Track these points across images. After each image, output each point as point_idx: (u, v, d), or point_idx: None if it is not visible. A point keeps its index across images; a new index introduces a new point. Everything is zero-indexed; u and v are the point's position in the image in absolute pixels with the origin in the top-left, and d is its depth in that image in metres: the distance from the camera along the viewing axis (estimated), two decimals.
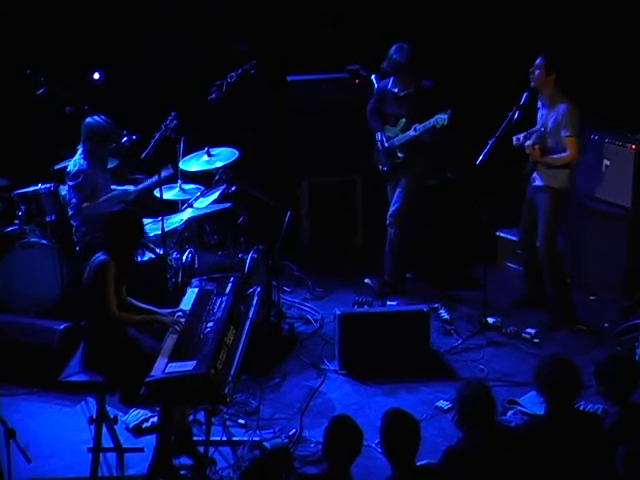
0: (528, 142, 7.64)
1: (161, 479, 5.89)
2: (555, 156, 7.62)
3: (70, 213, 7.51)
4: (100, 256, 5.99)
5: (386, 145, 8.16)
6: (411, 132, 8.01)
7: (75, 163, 7.42)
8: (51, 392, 6.90)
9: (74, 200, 7.40)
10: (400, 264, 8.47)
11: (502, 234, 9.06)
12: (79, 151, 7.48)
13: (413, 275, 8.68)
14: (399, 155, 8.13)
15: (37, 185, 7.98)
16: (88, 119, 7.41)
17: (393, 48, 7.96)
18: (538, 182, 7.79)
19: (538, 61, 7.58)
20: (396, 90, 8.07)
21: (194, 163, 7.81)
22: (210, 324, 5.93)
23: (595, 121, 7.92)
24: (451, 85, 8.96)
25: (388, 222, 8.36)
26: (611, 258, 8.27)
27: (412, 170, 8.20)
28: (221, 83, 7.95)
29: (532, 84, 7.64)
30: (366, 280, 8.50)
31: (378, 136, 8.24)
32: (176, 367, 5.55)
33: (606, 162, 8.13)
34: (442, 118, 7.83)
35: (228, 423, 6.59)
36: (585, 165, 8.07)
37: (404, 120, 8.05)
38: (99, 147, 7.42)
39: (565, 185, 7.73)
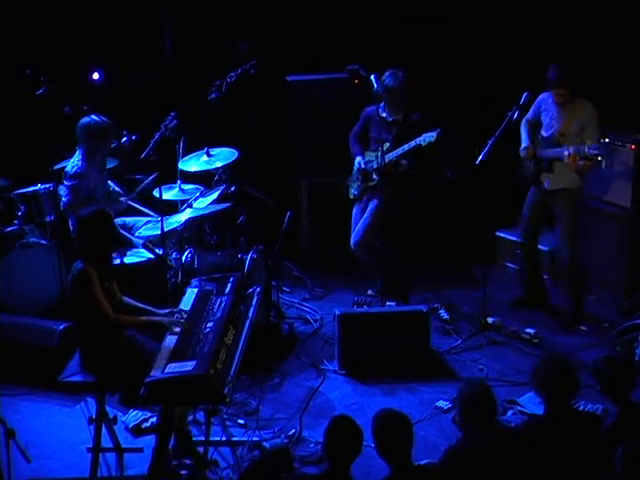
0: (566, 152, 7.44)
1: (161, 479, 5.89)
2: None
3: (61, 210, 7.51)
4: (78, 265, 5.95)
5: (362, 167, 8.11)
6: (397, 151, 7.92)
7: (73, 164, 7.40)
8: (51, 392, 6.89)
9: (66, 198, 7.38)
10: (386, 276, 8.36)
11: (502, 234, 9.07)
12: (77, 152, 7.47)
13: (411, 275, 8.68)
14: (374, 177, 8.08)
15: (37, 185, 7.98)
16: (83, 119, 7.40)
17: (387, 73, 7.95)
18: (554, 186, 7.70)
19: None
20: (384, 115, 8.08)
21: (194, 163, 7.81)
22: (210, 324, 5.93)
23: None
24: (451, 85, 8.99)
25: (353, 249, 8.24)
26: (611, 258, 8.27)
27: (382, 196, 8.13)
28: (221, 83, 7.95)
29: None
30: (369, 291, 8.45)
31: (357, 159, 8.19)
32: (175, 367, 5.55)
33: (606, 162, 8.11)
34: (430, 136, 7.79)
35: (227, 423, 6.60)
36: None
37: (388, 144, 8.02)
38: (97, 145, 7.40)
39: (580, 184, 7.71)
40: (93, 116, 7.40)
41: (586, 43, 8.74)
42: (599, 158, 7.38)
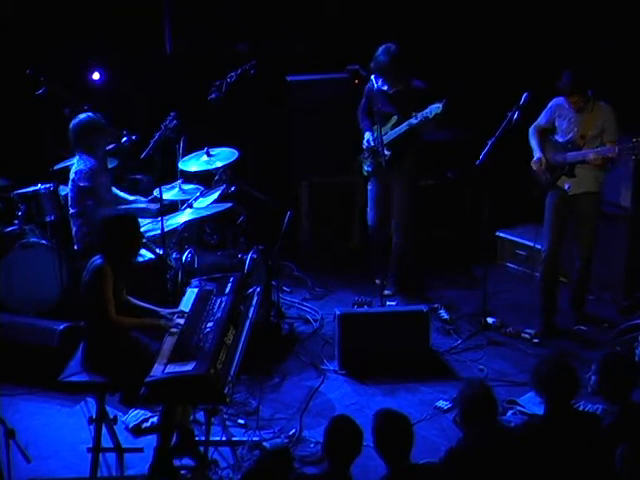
0: (591, 155, 7.41)
1: (161, 479, 5.89)
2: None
3: (74, 212, 7.37)
4: (97, 260, 5.98)
5: (373, 144, 8.13)
6: (404, 125, 8.00)
7: (85, 163, 7.27)
8: (51, 392, 6.90)
9: (89, 202, 7.22)
10: (409, 269, 8.49)
11: (502, 234, 9.06)
12: (77, 157, 7.38)
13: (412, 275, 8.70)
14: (386, 153, 8.03)
15: (37, 185, 7.97)
16: (74, 120, 7.34)
17: (380, 49, 7.96)
18: (575, 189, 7.59)
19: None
20: (385, 88, 8.07)
21: (194, 163, 7.80)
22: (210, 324, 5.93)
23: None
24: (451, 85, 8.98)
25: (395, 232, 8.35)
26: (611, 258, 8.26)
27: (402, 174, 8.16)
28: (221, 83, 7.95)
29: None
30: (386, 291, 8.37)
31: (367, 135, 8.22)
32: (176, 367, 5.55)
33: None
34: (436, 107, 7.83)
35: (228, 423, 6.60)
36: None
37: (396, 117, 8.03)
38: (94, 141, 7.33)
39: (602, 187, 7.67)
40: (83, 115, 7.35)
41: (586, 42, 8.74)
42: (633, 157, 7.37)
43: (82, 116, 7.36)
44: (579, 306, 8.00)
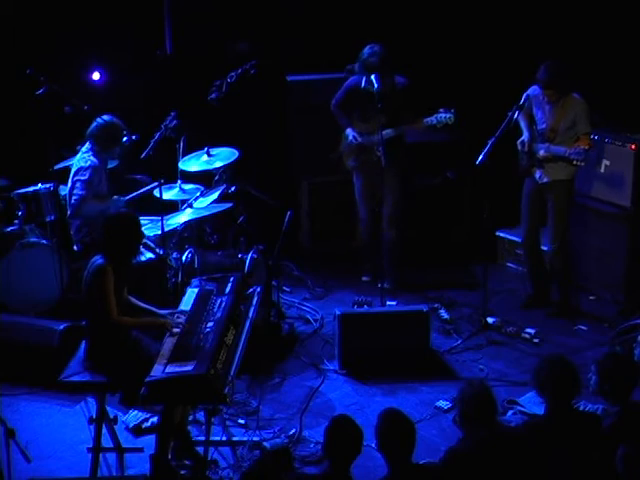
0: (542, 151, 7.69)
1: (162, 479, 5.89)
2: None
3: (71, 204, 7.47)
4: (98, 260, 5.98)
5: (360, 140, 8.17)
6: (399, 130, 8.04)
7: (86, 159, 7.42)
8: (51, 392, 6.90)
9: (82, 192, 7.36)
10: (400, 261, 8.52)
11: (502, 234, 9.07)
12: (85, 148, 7.47)
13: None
14: (377, 153, 8.01)
15: (37, 185, 7.96)
16: (98, 120, 7.40)
17: (366, 51, 7.99)
18: (547, 179, 7.80)
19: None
20: (369, 87, 8.07)
21: (194, 163, 7.81)
22: (210, 324, 5.94)
23: (594, 121, 7.92)
24: (451, 85, 8.99)
25: (385, 227, 8.38)
26: (611, 258, 8.27)
27: (391, 167, 8.15)
28: (221, 83, 7.95)
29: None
30: (385, 285, 8.38)
31: (349, 132, 8.23)
32: (176, 367, 5.56)
33: (606, 162, 8.13)
34: (447, 117, 7.88)
35: (228, 423, 6.60)
36: (585, 165, 8.06)
37: (383, 118, 8.04)
38: (108, 146, 7.45)
39: (572, 175, 7.80)
40: (106, 117, 7.41)
41: (585, 42, 8.75)
42: (577, 163, 7.49)
43: (109, 120, 7.42)
44: (566, 302, 8.01)
